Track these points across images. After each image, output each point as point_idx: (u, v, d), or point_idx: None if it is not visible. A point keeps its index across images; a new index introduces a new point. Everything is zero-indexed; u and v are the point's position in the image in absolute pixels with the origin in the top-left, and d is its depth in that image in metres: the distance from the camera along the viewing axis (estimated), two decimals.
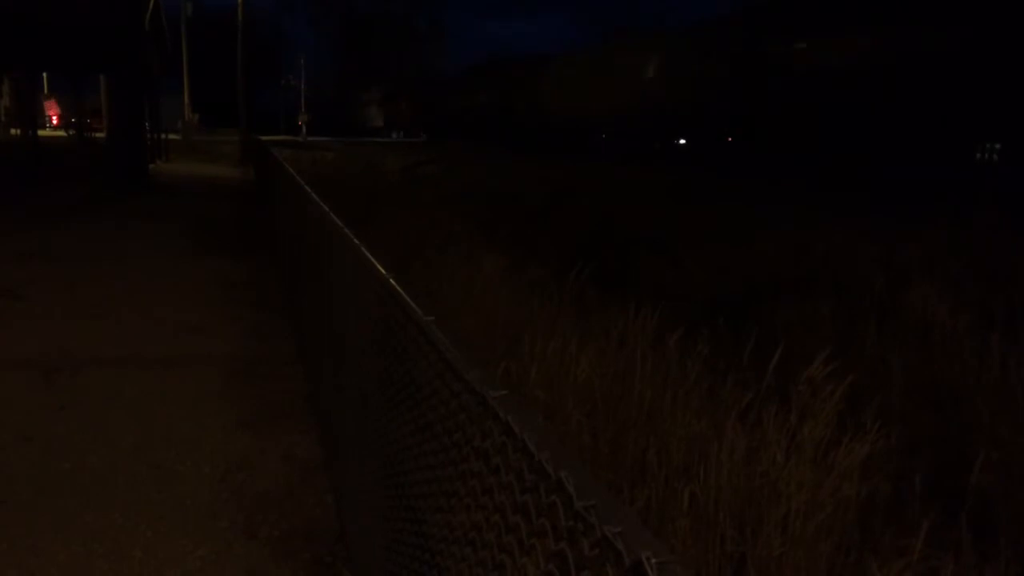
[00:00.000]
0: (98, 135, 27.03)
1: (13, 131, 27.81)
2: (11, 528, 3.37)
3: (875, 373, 4.84)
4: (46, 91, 44.22)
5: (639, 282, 7.70)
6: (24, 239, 10.74)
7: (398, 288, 2.15)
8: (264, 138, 24.37)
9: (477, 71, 65.97)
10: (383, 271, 2.36)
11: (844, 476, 3.00)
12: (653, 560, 0.88)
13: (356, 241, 2.89)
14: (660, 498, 3.06)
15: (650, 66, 41.41)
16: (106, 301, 7.44)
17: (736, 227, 11.11)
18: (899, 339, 5.46)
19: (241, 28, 31.50)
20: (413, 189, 15.43)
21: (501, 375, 3.77)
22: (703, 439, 3.29)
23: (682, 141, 42.72)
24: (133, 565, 3.15)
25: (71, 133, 35.04)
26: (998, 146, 24.61)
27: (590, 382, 4.03)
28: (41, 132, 31.61)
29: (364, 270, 2.61)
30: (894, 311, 6.32)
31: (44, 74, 37.83)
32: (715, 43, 36.26)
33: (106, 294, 7.73)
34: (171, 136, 31.66)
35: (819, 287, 7.16)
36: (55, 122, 45.37)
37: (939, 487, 3.60)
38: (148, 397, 5.00)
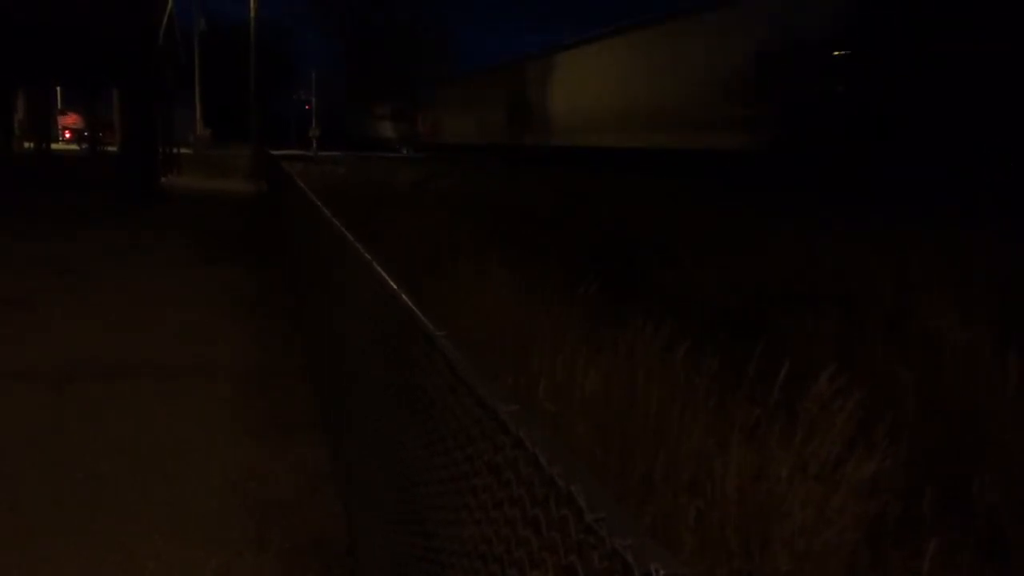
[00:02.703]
0: (110, 149, 27.24)
1: (27, 144, 28.07)
2: (22, 536, 3.40)
3: (883, 387, 4.82)
4: (59, 105, 44.70)
5: (641, 286, 7.68)
6: (36, 249, 10.84)
7: (408, 302, 2.18)
8: (275, 152, 24.52)
9: None
10: (394, 284, 2.39)
11: (852, 493, 2.99)
12: (662, 572, 0.89)
13: (367, 256, 2.92)
14: (668, 513, 3.07)
15: None
16: (118, 311, 7.50)
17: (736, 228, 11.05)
18: (907, 351, 5.43)
19: (253, 47, 31.75)
20: (424, 203, 15.48)
21: (508, 387, 3.76)
22: (711, 454, 3.29)
23: None
24: (145, 575, 3.17)
25: (84, 147, 35.37)
26: None
27: (598, 395, 4.04)
28: (54, 145, 31.95)
29: (375, 283, 2.64)
30: (900, 321, 6.28)
31: (57, 88, 38.23)
32: None
33: (118, 304, 7.79)
34: (183, 150, 31.88)
35: (821, 292, 7.12)
36: (68, 135, 45.84)
37: (950, 506, 3.58)
38: (158, 405, 5.03)
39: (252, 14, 32.23)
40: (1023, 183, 11.49)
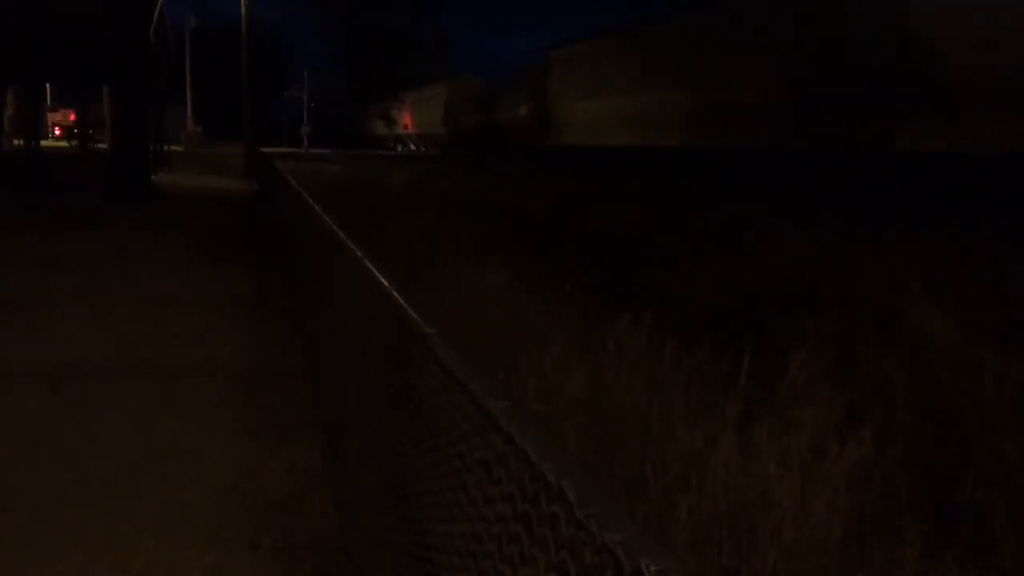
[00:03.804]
0: (101, 146, 27.10)
1: (16, 141, 27.90)
2: (14, 536, 3.39)
3: (875, 387, 4.85)
4: (49, 102, 44.45)
5: (637, 289, 7.69)
6: (29, 248, 10.78)
7: (401, 300, 2.18)
8: (266, 150, 24.51)
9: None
10: (386, 283, 2.39)
11: (838, 487, 3.01)
12: (652, 567, 0.89)
13: (359, 253, 2.93)
14: (658, 510, 3.08)
15: None
16: (112, 311, 7.47)
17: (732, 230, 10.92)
18: (900, 352, 5.46)
19: (245, 42, 31.62)
20: (418, 204, 15.47)
21: (499, 387, 3.76)
22: (699, 452, 3.31)
23: None
24: (135, 575, 3.16)
25: (74, 144, 35.20)
26: None
27: (587, 395, 4.05)
28: (44, 143, 31.78)
29: (368, 282, 2.64)
30: (894, 323, 6.31)
31: (47, 85, 38.04)
32: None
33: (112, 304, 7.76)
34: (174, 147, 31.78)
35: (817, 295, 7.15)
36: (58, 133, 45.62)
37: (939, 501, 3.61)
38: (154, 406, 5.02)
39: (243, 11, 32.10)
40: None
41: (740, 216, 11.09)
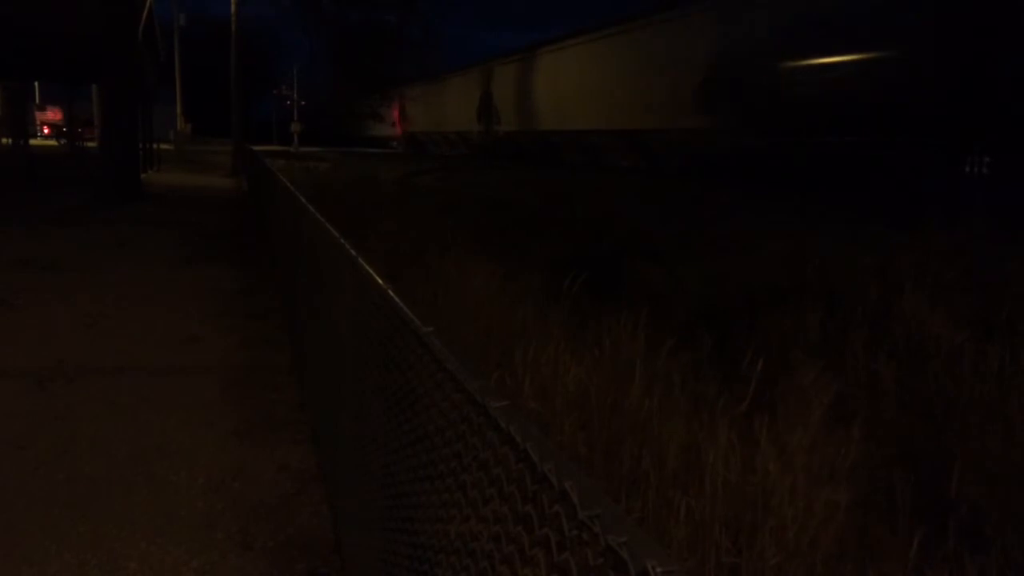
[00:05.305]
0: (90, 144, 26.96)
1: (4, 140, 27.73)
2: (6, 537, 3.35)
3: (867, 384, 4.86)
4: (37, 100, 44.22)
5: (629, 287, 7.68)
6: (18, 248, 10.69)
7: (396, 299, 2.16)
8: (256, 148, 24.43)
9: None
10: (381, 282, 2.37)
11: (836, 485, 3.01)
12: (658, 569, 0.88)
13: (352, 252, 2.90)
14: (655, 508, 3.07)
15: None
16: (101, 310, 7.42)
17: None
18: (890, 350, 5.48)
19: (234, 40, 31.46)
20: (408, 199, 15.42)
21: (495, 385, 3.73)
22: (696, 449, 3.30)
23: None
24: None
25: (62, 142, 35.02)
26: None
27: (583, 392, 4.04)
28: (32, 141, 31.59)
29: (361, 280, 2.62)
30: (886, 320, 6.33)
31: (36, 83, 37.82)
32: None
33: (101, 303, 7.71)
34: (163, 145, 31.61)
35: (810, 293, 7.16)
36: (46, 131, 45.41)
37: (930, 498, 3.62)
38: (143, 406, 4.98)
39: (233, 8, 31.95)
40: None
41: None
